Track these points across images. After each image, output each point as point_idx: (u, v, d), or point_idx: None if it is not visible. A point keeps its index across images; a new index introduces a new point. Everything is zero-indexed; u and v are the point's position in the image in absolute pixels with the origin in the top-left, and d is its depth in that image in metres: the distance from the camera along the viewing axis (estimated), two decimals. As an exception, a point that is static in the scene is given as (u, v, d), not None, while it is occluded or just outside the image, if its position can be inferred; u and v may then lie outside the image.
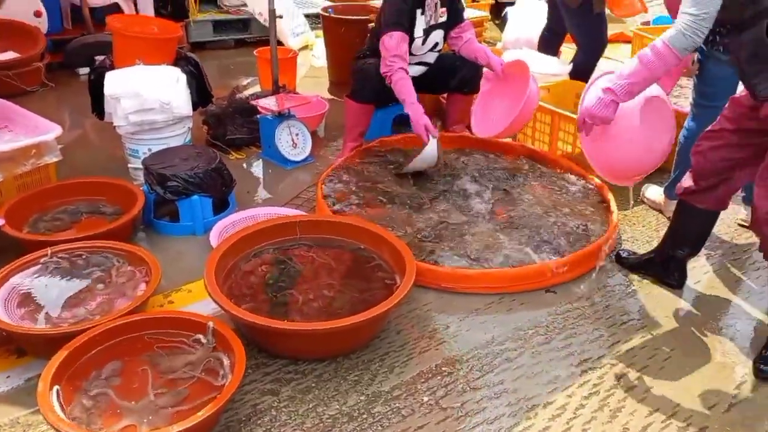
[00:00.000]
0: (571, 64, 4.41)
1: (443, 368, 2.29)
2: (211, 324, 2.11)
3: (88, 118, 4.15)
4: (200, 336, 2.14)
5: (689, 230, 2.65)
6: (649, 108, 2.67)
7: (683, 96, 3.72)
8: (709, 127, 2.50)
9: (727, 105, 2.44)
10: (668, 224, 2.77)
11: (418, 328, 2.48)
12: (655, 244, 3.02)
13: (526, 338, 2.44)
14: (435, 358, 2.33)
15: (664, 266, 2.74)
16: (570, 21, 4.20)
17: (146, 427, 1.89)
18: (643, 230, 3.17)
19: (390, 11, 3.40)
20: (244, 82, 5.17)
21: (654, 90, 2.66)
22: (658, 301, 2.65)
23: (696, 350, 2.39)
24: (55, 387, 1.90)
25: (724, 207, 2.57)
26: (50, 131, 3.07)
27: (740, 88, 2.92)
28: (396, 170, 3.47)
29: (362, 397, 2.15)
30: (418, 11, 3.44)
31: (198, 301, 2.55)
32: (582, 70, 4.22)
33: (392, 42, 3.31)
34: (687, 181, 2.56)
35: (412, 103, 3.31)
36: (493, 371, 2.28)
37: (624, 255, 2.88)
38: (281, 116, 3.68)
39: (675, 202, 3.14)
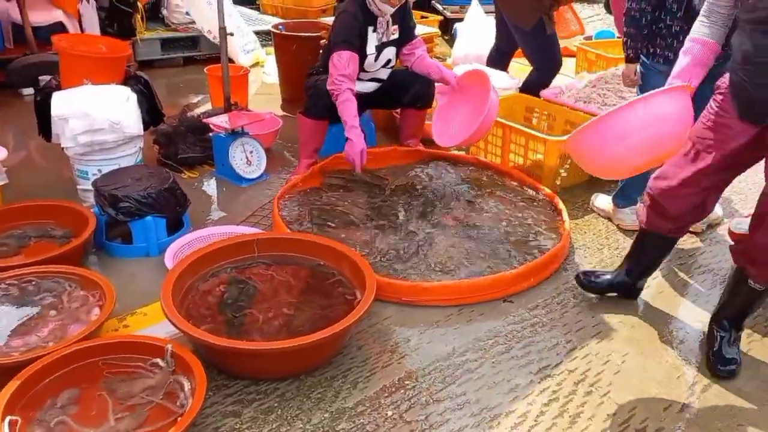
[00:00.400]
0: (518, 80, 4.54)
1: (406, 382, 2.30)
2: (169, 347, 2.08)
3: (33, 139, 4.03)
4: (158, 359, 2.10)
5: (656, 258, 2.67)
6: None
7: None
8: (682, 170, 2.32)
9: (702, 135, 2.27)
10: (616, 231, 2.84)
11: (380, 343, 2.49)
12: (605, 251, 3.12)
13: (486, 348, 2.47)
14: (397, 371, 2.34)
15: (627, 291, 2.76)
16: (523, 42, 4.31)
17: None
18: (594, 238, 3.26)
19: (339, 29, 3.43)
20: (195, 100, 5.12)
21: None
22: (610, 307, 2.73)
23: (649, 354, 2.47)
24: (8, 418, 1.83)
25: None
26: (-5, 154, 2.97)
27: None
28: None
29: (326, 415, 2.14)
30: (370, 29, 3.48)
31: (154, 324, 2.50)
32: (534, 86, 4.35)
33: (341, 61, 3.34)
34: (659, 221, 2.47)
35: (354, 126, 3.33)
36: (455, 383, 2.30)
37: (585, 280, 2.79)
38: (235, 134, 3.66)
39: (623, 210, 3.27)
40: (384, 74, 3.71)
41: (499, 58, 4.66)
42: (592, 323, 2.63)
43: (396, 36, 3.63)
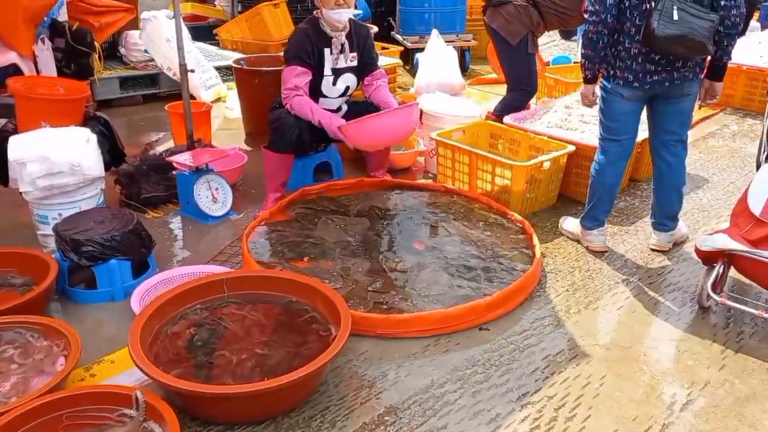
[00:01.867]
0: (483, 107, 4.60)
1: (386, 417, 2.26)
2: (139, 394, 2.00)
3: (-12, 184, 3.92)
4: (127, 409, 2.02)
5: None
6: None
7: (589, 131, 3.93)
8: None
9: None
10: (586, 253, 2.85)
11: (357, 379, 2.44)
12: (576, 273, 3.15)
13: (464, 378, 2.45)
14: (376, 407, 2.30)
15: None
16: (505, 56, 4.44)
17: None
18: (565, 261, 3.28)
19: (292, 45, 3.56)
20: (156, 138, 5.05)
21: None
22: (585, 330, 2.74)
23: (625, 374, 2.47)
24: (-32, 482, 1.73)
25: None
26: (-51, 201, 2.87)
27: (643, 125, 3.13)
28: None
29: (305, 457, 2.08)
30: (327, 50, 3.54)
31: (122, 371, 2.42)
32: (506, 108, 4.41)
33: (289, 74, 3.48)
34: None
35: (319, 112, 3.45)
36: (436, 415, 2.27)
37: None
38: (199, 171, 3.61)
39: (592, 231, 3.31)
40: (338, 103, 3.73)
41: None
42: (569, 347, 2.63)
43: (355, 63, 3.66)
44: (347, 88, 3.72)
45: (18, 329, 2.39)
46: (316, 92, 3.63)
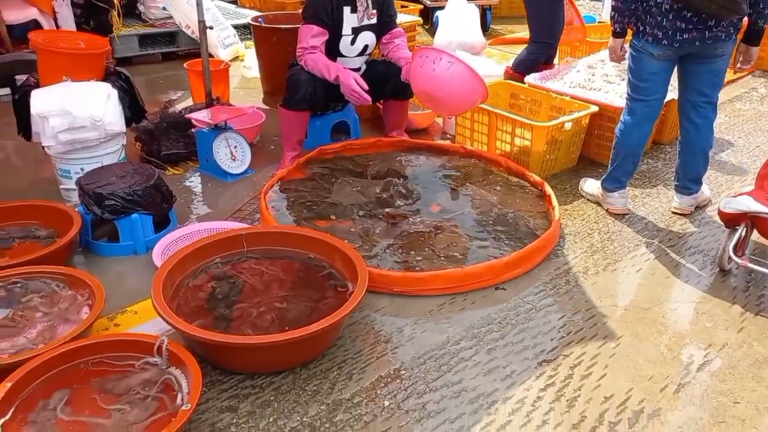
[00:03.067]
0: (503, 66, 4.54)
1: (401, 372, 2.28)
2: (164, 342, 2.04)
3: (10, 140, 3.97)
4: (150, 357, 2.07)
5: None
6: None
7: (613, 91, 3.86)
8: None
9: None
10: (606, 215, 2.83)
11: (374, 334, 2.47)
12: (596, 236, 3.13)
13: (480, 336, 2.47)
14: (392, 362, 2.33)
15: None
16: (530, 4, 4.39)
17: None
18: (584, 223, 3.26)
19: (309, 4, 3.52)
20: (175, 96, 5.05)
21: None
22: (604, 291, 2.73)
23: (643, 335, 2.47)
24: (0, 420, 1.79)
25: None
26: (-26, 154, 2.90)
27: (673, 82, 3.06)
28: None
29: (323, 407, 2.12)
30: (347, 9, 3.49)
31: (145, 321, 2.47)
32: (528, 64, 4.35)
33: (306, 34, 3.46)
34: None
35: (334, 67, 3.43)
36: (451, 371, 2.29)
37: None
38: (218, 129, 3.61)
39: (613, 194, 3.28)
40: (359, 63, 3.69)
41: None
42: (586, 307, 2.64)
43: (374, 21, 3.61)
44: (366, 47, 3.67)
45: (43, 279, 2.44)
46: (333, 52, 3.60)
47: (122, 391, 1.99)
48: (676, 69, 3.05)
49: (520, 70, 4.43)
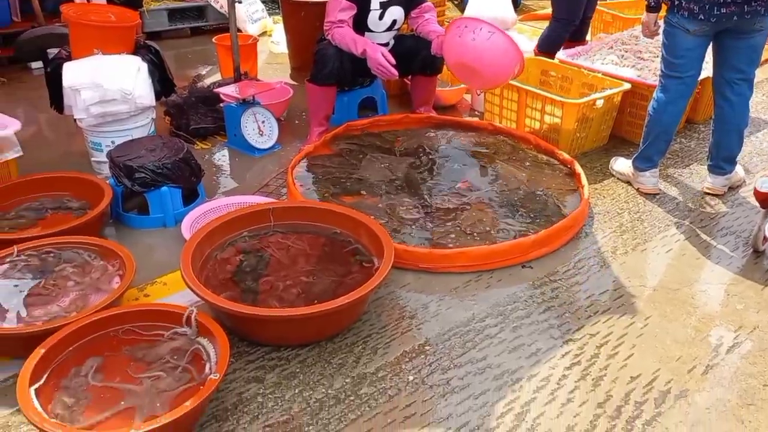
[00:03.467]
0: (534, 42, 4.46)
1: (426, 347, 2.29)
2: (193, 312, 2.07)
3: (43, 113, 4.03)
4: (181, 327, 2.10)
5: None
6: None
7: (646, 68, 3.78)
8: None
9: None
10: (636, 195, 2.77)
11: (398, 310, 2.48)
12: (625, 215, 3.08)
13: (505, 314, 2.46)
14: (417, 338, 2.34)
15: None
16: None
17: (143, 412, 1.86)
18: (614, 202, 3.22)
19: None
20: (204, 71, 5.07)
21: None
22: (632, 271, 2.70)
23: (672, 316, 2.44)
24: (33, 386, 1.84)
25: None
26: (9, 126, 2.95)
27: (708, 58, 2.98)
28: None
29: (348, 380, 2.14)
30: None
31: (174, 293, 2.51)
32: (550, 42, 4.27)
33: (334, 7, 3.45)
34: None
35: (361, 41, 3.40)
36: (476, 348, 2.29)
37: None
38: (246, 103, 3.62)
39: (644, 173, 3.22)
40: (387, 38, 3.65)
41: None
42: (614, 287, 2.61)
43: None
44: (394, 22, 3.63)
45: (76, 249, 2.49)
46: (361, 27, 3.56)
47: (153, 359, 2.04)
48: (711, 45, 2.97)
49: (543, 49, 4.35)
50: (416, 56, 3.69)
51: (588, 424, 1.99)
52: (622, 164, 3.40)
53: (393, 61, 3.40)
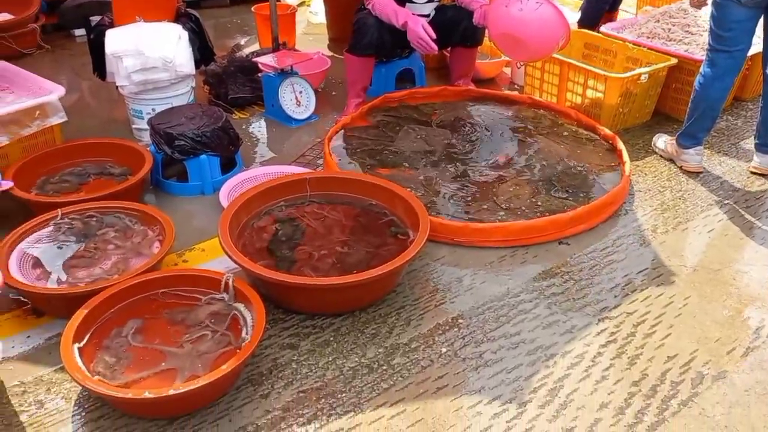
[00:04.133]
0: (578, 14, 4.36)
1: (459, 320, 2.29)
2: (230, 278, 2.11)
3: (86, 80, 4.09)
4: (218, 292, 2.14)
5: None
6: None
7: (694, 43, 3.66)
8: None
9: None
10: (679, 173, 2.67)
11: (432, 282, 2.48)
12: (667, 193, 3.02)
13: (541, 290, 2.44)
14: (450, 310, 2.34)
15: None
16: None
17: (184, 374, 1.91)
18: (655, 180, 3.15)
19: None
20: (242, 41, 5.07)
21: None
22: (672, 250, 2.65)
23: (712, 297, 2.40)
24: (77, 344, 1.90)
25: None
26: (53, 92, 3.00)
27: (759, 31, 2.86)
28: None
29: (381, 350, 2.16)
30: None
31: (212, 259, 2.55)
32: (588, 16, 4.17)
33: None
34: None
35: (402, 12, 3.34)
36: (510, 322, 2.29)
37: None
38: (284, 74, 3.62)
39: (688, 150, 3.14)
40: (428, 9, 3.59)
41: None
42: (653, 266, 2.57)
43: None
44: None
45: (117, 214, 2.54)
46: None
47: (192, 322, 2.08)
48: (762, 19, 2.85)
49: (585, 23, 4.24)
50: (456, 27, 3.63)
51: (622, 402, 1.97)
52: (665, 141, 3.31)
53: (434, 35, 3.35)
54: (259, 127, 3.71)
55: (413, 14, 3.40)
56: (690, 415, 1.93)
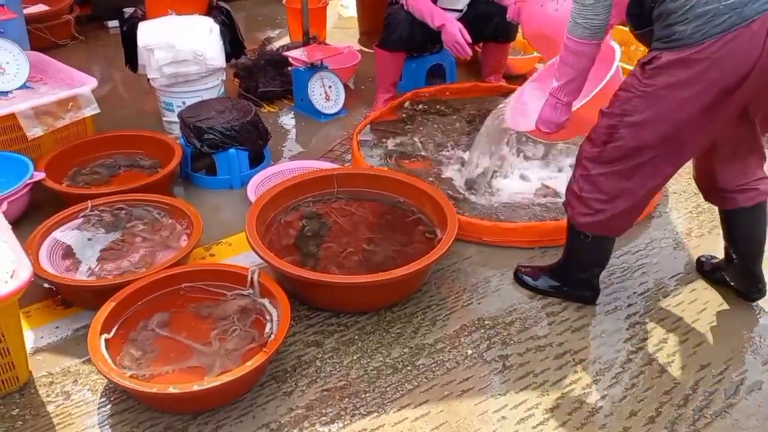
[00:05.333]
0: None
1: (486, 322, 2.26)
2: (256, 274, 2.10)
3: (119, 71, 4.13)
4: (244, 288, 2.14)
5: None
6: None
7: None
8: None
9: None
10: None
11: (460, 282, 2.45)
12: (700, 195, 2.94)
13: (570, 292, 2.40)
14: (477, 312, 2.31)
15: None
16: None
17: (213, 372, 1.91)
18: (690, 182, 3.03)
19: None
20: (272, 34, 5.07)
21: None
22: (706, 254, 2.58)
23: (747, 304, 2.32)
24: (104, 336, 1.91)
25: None
26: (86, 84, 3.03)
27: None
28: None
29: (406, 350, 2.13)
30: None
31: (238, 254, 2.55)
32: None
33: None
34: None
35: (437, 12, 3.28)
36: (537, 325, 2.25)
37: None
38: (314, 68, 3.61)
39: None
40: (462, 4, 3.54)
41: None
42: (686, 270, 2.50)
43: None
44: None
45: (146, 207, 2.56)
46: None
47: (219, 317, 2.08)
48: None
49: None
50: (489, 22, 3.58)
51: (653, 411, 1.93)
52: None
53: (469, 39, 3.29)
54: (288, 121, 3.71)
55: (445, 9, 3.36)
56: (723, 427, 1.88)
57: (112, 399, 1.94)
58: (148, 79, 3.29)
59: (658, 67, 1.80)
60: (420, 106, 3.57)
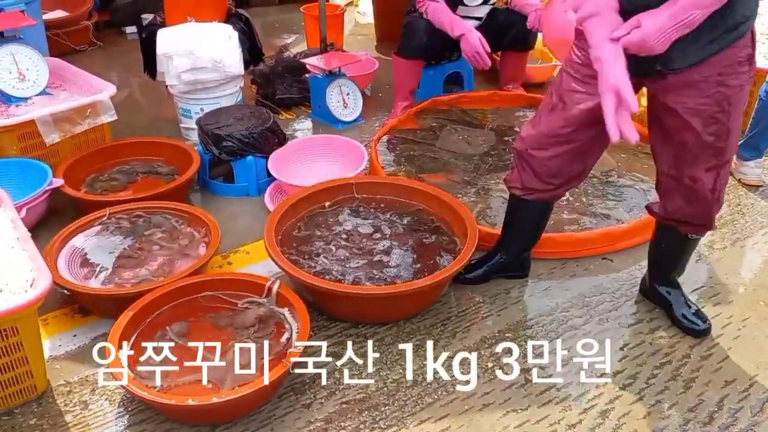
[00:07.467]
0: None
1: (506, 334, 2.23)
2: (276, 285, 2.09)
3: (137, 77, 4.14)
4: (263, 297, 2.12)
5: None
6: None
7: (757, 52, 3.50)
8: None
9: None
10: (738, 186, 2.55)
11: (479, 294, 2.42)
12: (725, 208, 2.89)
13: (591, 305, 2.36)
14: (497, 324, 2.28)
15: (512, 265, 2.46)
16: None
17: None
18: (712, 194, 3.02)
19: None
20: (290, 40, 5.08)
21: None
22: (729, 267, 2.54)
23: (773, 319, 2.29)
24: (122, 346, 1.90)
25: None
26: (105, 90, 3.04)
27: None
28: None
29: (425, 362, 2.10)
30: None
31: (256, 262, 2.53)
32: None
33: None
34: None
35: (457, 21, 3.25)
36: (559, 338, 2.21)
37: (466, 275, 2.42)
38: (331, 75, 3.60)
39: (748, 163, 3.02)
40: (483, 12, 3.52)
41: None
42: (709, 284, 2.46)
43: None
44: None
45: (165, 214, 2.55)
46: (455, 1, 3.45)
47: (238, 327, 2.07)
48: None
49: None
50: (509, 30, 3.55)
51: (677, 428, 1.89)
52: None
53: (489, 49, 3.27)
54: (305, 129, 3.70)
55: (471, 27, 3.31)
56: (750, 446, 1.84)
57: (129, 409, 1.93)
58: (167, 86, 3.29)
59: None
60: (440, 115, 3.55)
